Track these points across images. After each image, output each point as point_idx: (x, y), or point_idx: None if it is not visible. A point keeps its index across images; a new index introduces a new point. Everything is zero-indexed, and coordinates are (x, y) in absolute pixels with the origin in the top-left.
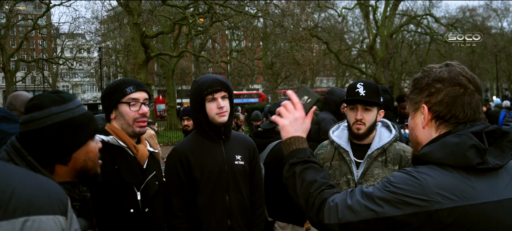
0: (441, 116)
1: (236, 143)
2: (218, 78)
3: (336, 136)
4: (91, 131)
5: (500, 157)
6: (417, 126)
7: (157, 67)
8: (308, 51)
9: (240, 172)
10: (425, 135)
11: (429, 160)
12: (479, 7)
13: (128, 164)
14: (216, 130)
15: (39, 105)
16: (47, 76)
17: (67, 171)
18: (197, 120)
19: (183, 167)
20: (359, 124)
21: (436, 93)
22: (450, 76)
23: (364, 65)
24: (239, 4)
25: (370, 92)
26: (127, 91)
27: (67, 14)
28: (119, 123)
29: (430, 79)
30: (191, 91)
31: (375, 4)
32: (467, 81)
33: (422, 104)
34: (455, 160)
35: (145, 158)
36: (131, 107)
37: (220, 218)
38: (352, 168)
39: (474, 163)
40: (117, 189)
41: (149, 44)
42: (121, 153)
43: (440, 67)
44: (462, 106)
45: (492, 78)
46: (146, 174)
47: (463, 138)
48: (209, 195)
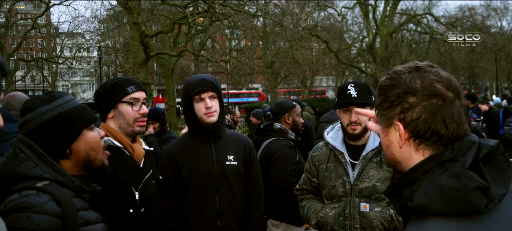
0: (420, 135)
1: (229, 142)
2: (205, 78)
3: (331, 137)
4: (84, 121)
5: (500, 180)
6: (393, 143)
7: (157, 67)
8: (307, 50)
9: (232, 173)
10: (404, 154)
11: (429, 212)
12: (479, 7)
13: (125, 164)
14: (205, 130)
15: (30, 107)
16: (46, 75)
17: (72, 165)
18: (187, 120)
19: (172, 167)
20: (354, 125)
21: (410, 109)
22: (424, 86)
23: (364, 64)
24: (239, 3)
25: (362, 93)
26: (128, 90)
27: (67, 13)
28: (117, 122)
29: (400, 91)
30: (181, 92)
31: (375, 3)
32: (445, 89)
33: (396, 121)
34: (459, 208)
35: (142, 157)
36: (133, 107)
37: (209, 219)
38: (347, 170)
39: (482, 208)
40: (116, 190)
41: (148, 43)
42: (117, 154)
43: (410, 72)
44: (443, 121)
45: (492, 77)
46: (144, 173)
47: (463, 181)
48: (197, 196)
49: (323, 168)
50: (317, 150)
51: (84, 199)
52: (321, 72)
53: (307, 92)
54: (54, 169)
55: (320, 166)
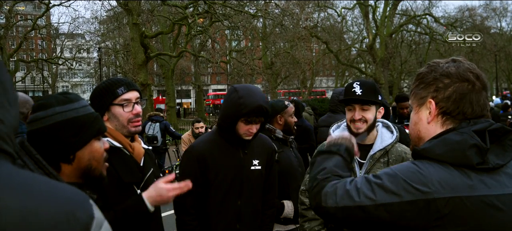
0: (448, 112)
1: (255, 146)
2: (263, 107)
3: None
4: (94, 131)
5: (502, 156)
6: (421, 120)
7: (157, 67)
8: (307, 51)
9: (256, 177)
10: (429, 131)
11: (428, 155)
12: (478, 7)
13: (126, 163)
14: (239, 140)
15: (44, 105)
16: (46, 76)
17: (72, 171)
18: (224, 123)
19: (200, 167)
20: (359, 123)
21: (444, 88)
22: (458, 72)
23: (364, 65)
24: (239, 4)
25: (367, 91)
26: (118, 92)
27: (67, 14)
28: (112, 124)
29: (437, 74)
30: (229, 99)
31: (375, 4)
32: (475, 78)
33: (429, 99)
34: (455, 158)
35: (141, 156)
36: (125, 109)
37: (229, 221)
38: (355, 169)
39: (474, 162)
40: (118, 190)
41: (148, 44)
42: (117, 154)
43: (447, 62)
44: (470, 103)
45: (492, 78)
46: (145, 172)
47: (465, 137)
48: (220, 198)
49: None
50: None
51: None
52: (321, 73)
53: (307, 93)
54: (50, 178)
55: None
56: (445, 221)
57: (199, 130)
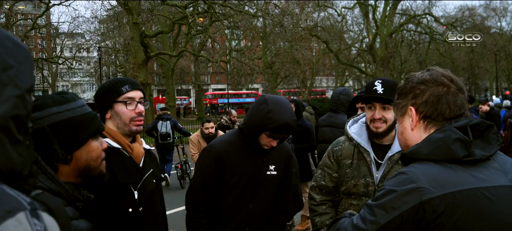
0: (428, 115)
1: (274, 152)
2: (289, 125)
3: (355, 133)
4: (92, 131)
5: (487, 149)
6: (406, 129)
7: (157, 67)
8: (307, 50)
9: (270, 182)
10: (415, 136)
11: (416, 157)
12: (479, 7)
13: (124, 164)
14: (259, 148)
15: (40, 105)
16: (46, 76)
17: (69, 171)
18: (247, 131)
19: (217, 167)
20: (379, 123)
21: (421, 94)
22: (432, 78)
23: (364, 65)
24: (239, 3)
25: (389, 90)
26: (123, 90)
27: (67, 14)
28: (114, 122)
29: (413, 83)
30: (258, 110)
31: (375, 3)
32: (449, 81)
33: (409, 106)
34: (441, 154)
35: (141, 156)
36: (128, 106)
37: (239, 223)
38: (372, 170)
39: (460, 156)
40: (115, 190)
41: (148, 43)
42: (116, 154)
43: (422, 72)
44: (448, 104)
45: (492, 77)
46: (143, 172)
47: (448, 133)
48: (234, 200)
49: (347, 164)
50: (339, 145)
51: (76, 207)
52: (321, 73)
53: (307, 93)
54: (49, 177)
55: (343, 160)
56: (443, 219)
57: (209, 130)
